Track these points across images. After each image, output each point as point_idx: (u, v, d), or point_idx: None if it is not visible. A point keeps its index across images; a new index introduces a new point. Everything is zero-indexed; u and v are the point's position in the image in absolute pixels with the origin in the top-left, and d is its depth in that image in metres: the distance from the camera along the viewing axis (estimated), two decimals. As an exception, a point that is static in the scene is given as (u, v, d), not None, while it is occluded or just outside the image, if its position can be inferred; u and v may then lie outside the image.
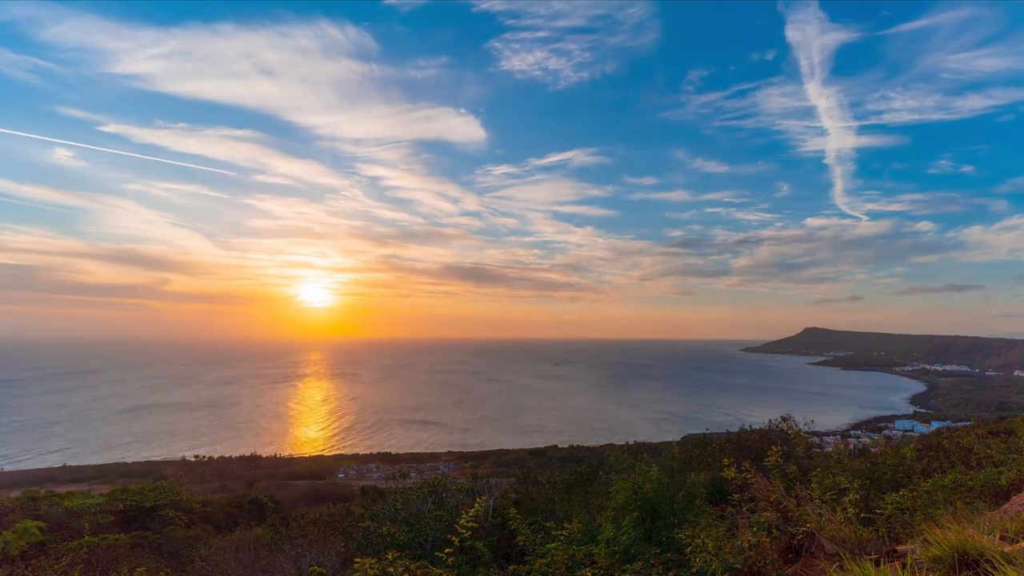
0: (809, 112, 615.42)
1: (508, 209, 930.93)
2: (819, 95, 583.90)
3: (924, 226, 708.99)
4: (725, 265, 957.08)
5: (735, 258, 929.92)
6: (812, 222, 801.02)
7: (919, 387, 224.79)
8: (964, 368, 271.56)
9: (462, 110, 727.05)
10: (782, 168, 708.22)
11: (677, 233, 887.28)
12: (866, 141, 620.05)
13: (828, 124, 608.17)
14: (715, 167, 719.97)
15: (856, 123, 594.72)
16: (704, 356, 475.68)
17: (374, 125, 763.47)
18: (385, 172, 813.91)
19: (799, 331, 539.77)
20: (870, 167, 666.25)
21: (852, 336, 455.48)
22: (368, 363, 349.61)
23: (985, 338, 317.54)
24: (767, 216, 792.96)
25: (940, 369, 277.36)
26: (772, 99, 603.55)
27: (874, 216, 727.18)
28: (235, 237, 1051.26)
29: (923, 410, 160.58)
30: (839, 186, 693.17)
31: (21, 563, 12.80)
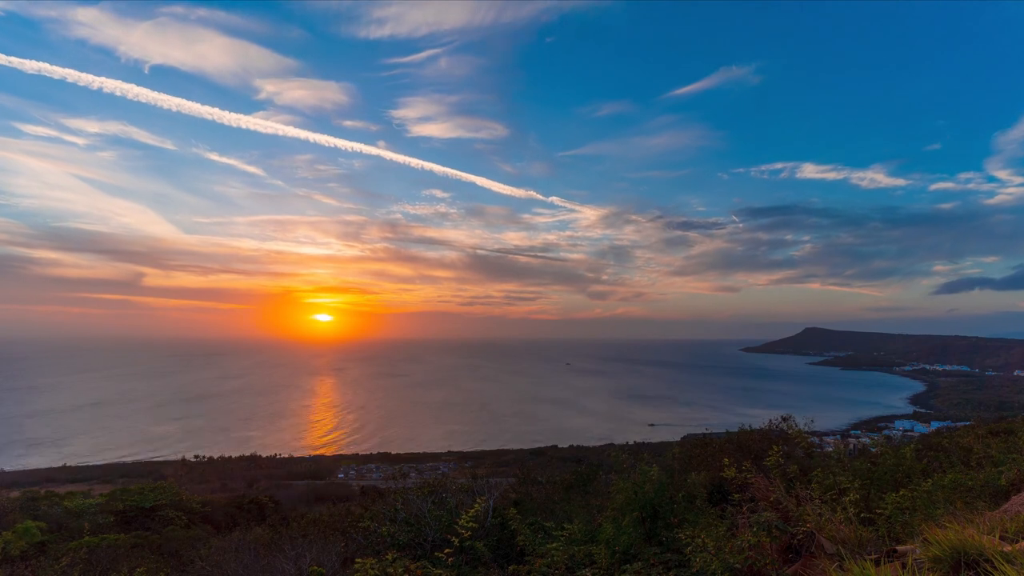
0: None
1: (588, 179, 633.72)
2: None
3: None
4: (787, 253, 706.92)
5: (813, 242, 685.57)
6: (938, 187, 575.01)
7: (919, 387, 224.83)
8: (964, 368, 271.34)
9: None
10: (962, 96, 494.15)
11: (760, 205, 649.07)
12: None
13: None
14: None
15: None
16: (704, 358, 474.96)
17: (443, 11, 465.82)
18: (429, 107, 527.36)
19: (799, 331, 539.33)
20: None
21: (852, 336, 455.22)
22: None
23: (985, 338, 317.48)
24: (886, 180, 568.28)
25: (940, 369, 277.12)
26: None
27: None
28: (206, 215, 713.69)
29: (923, 410, 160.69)
30: (1020, 130, 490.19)
31: (21, 563, 12.80)
